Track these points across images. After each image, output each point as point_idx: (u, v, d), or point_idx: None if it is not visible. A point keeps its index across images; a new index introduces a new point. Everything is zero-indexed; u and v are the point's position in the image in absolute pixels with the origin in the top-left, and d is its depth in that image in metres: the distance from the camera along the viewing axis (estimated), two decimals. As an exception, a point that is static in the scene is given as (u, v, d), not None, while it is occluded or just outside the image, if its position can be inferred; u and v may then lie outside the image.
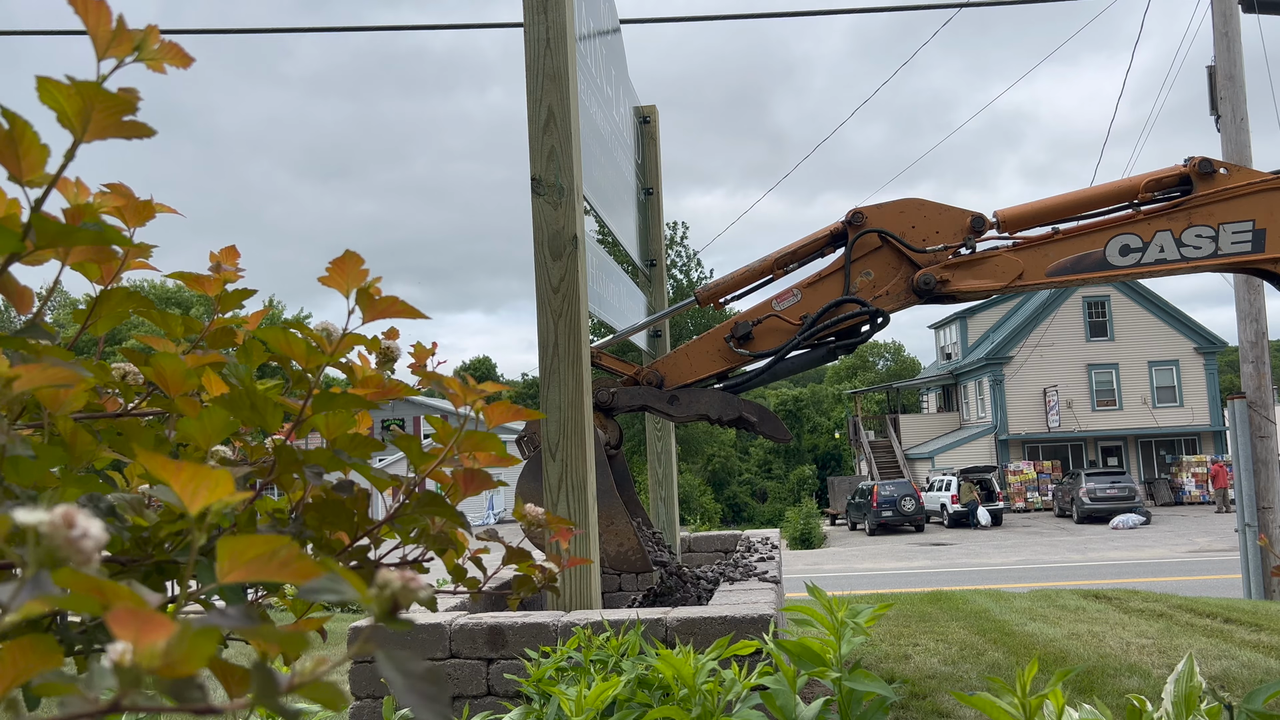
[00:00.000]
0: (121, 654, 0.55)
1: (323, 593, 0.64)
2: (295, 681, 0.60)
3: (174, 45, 0.87)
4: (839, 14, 12.19)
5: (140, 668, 0.55)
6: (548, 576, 1.17)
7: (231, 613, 0.61)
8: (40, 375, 0.79)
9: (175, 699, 0.57)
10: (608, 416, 4.91)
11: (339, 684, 0.60)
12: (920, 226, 4.94)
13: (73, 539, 0.56)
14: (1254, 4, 12.18)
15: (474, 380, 1.10)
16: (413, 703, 0.60)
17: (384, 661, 0.61)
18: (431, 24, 39.53)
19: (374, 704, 3.51)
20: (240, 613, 0.61)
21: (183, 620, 0.57)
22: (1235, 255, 4.77)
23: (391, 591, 0.63)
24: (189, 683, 0.58)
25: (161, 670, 0.55)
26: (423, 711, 0.60)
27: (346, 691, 3.66)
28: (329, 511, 1.05)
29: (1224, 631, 6.86)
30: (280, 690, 0.59)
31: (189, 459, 0.78)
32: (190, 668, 0.56)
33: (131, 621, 0.55)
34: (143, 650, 0.55)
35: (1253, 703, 1.81)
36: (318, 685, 0.60)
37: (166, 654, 0.55)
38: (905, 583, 16.83)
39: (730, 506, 49.95)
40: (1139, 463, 39.28)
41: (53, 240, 0.77)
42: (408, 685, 0.61)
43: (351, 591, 0.64)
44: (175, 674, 0.56)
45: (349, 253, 1.04)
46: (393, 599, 0.64)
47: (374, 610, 0.64)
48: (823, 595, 2.28)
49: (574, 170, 3.89)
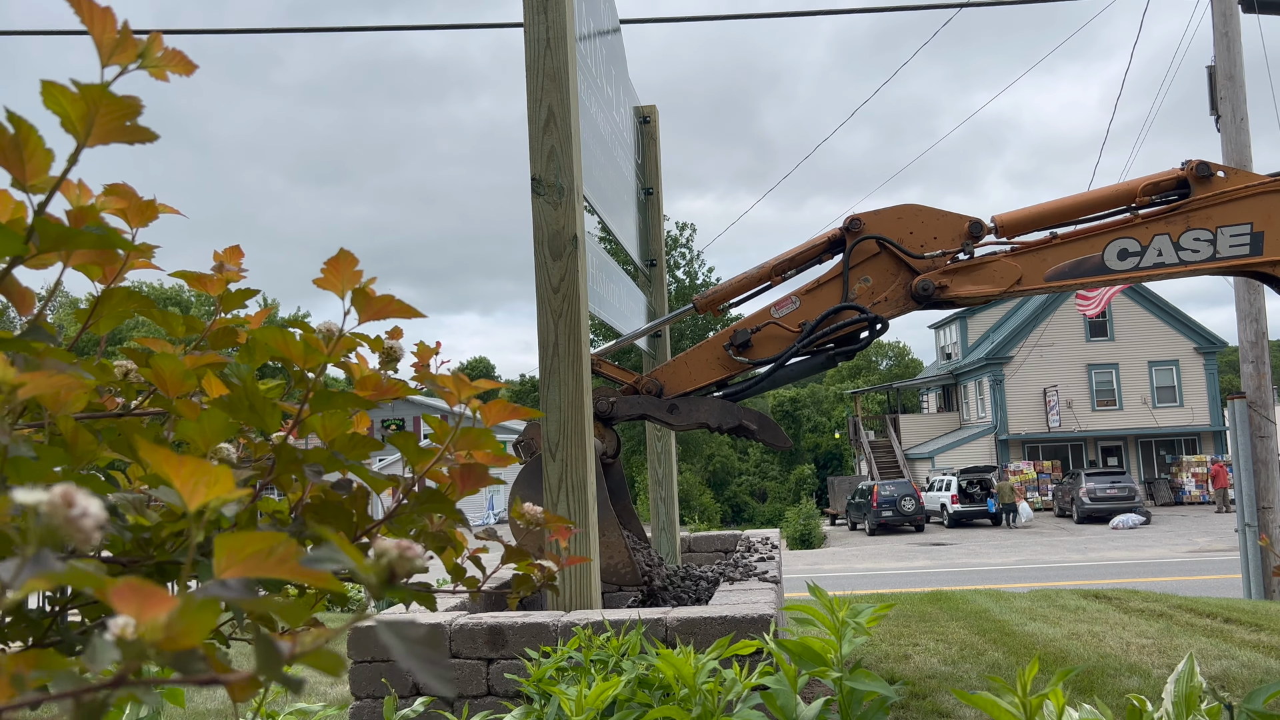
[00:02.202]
0: (124, 627, 0.55)
1: (322, 562, 0.65)
2: (297, 651, 0.61)
3: (177, 52, 0.87)
4: (823, 14, 12.19)
5: (143, 641, 0.55)
6: (546, 575, 1.17)
7: (232, 584, 0.62)
8: (45, 382, 0.79)
9: (180, 671, 0.58)
10: (607, 426, 4.90)
11: (335, 694, 0.61)
12: (918, 232, 4.93)
13: (72, 517, 0.56)
14: (1254, 4, 12.18)
15: (470, 379, 1.11)
16: (413, 666, 0.61)
17: (383, 628, 0.62)
18: (422, 24, 39.53)
19: (374, 704, 3.52)
20: (241, 585, 0.62)
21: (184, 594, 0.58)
22: (1233, 258, 4.76)
23: (388, 560, 0.64)
24: (192, 654, 0.59)
25: (164, 643, 0.56)
26: (423, 674, 0.61)
27: (346, 693, 3.66)
28: (328, 512, 1.06)
29: (1224, 631, 6.87)
30: (283, 659, 0.60)
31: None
32: (192, 640, 0.57)
33: (134, 596, 0.56)
34: (145, 623, 0.56)
35: (1253, 703, 1.82)
36: (319, 653, 0.61)
37: (169, 626, 0.56)
38: (905, 583, 16.83)
39: (730, 506, 49.91)
40: (1139, 463, 39.27)
41: (55, 243, 0.78)
42: (408, 650, 0.62)
43: (348, 559, 0.64)
44: (178, 646, 0.57)
45: (343, 252, 1.04)
46: (389, 568, 0.64)
47: (371, 580, 0.64)
48: (824, 595, 2.28)
49: (574, 170, 3.89)
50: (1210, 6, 12.01)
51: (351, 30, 29.64)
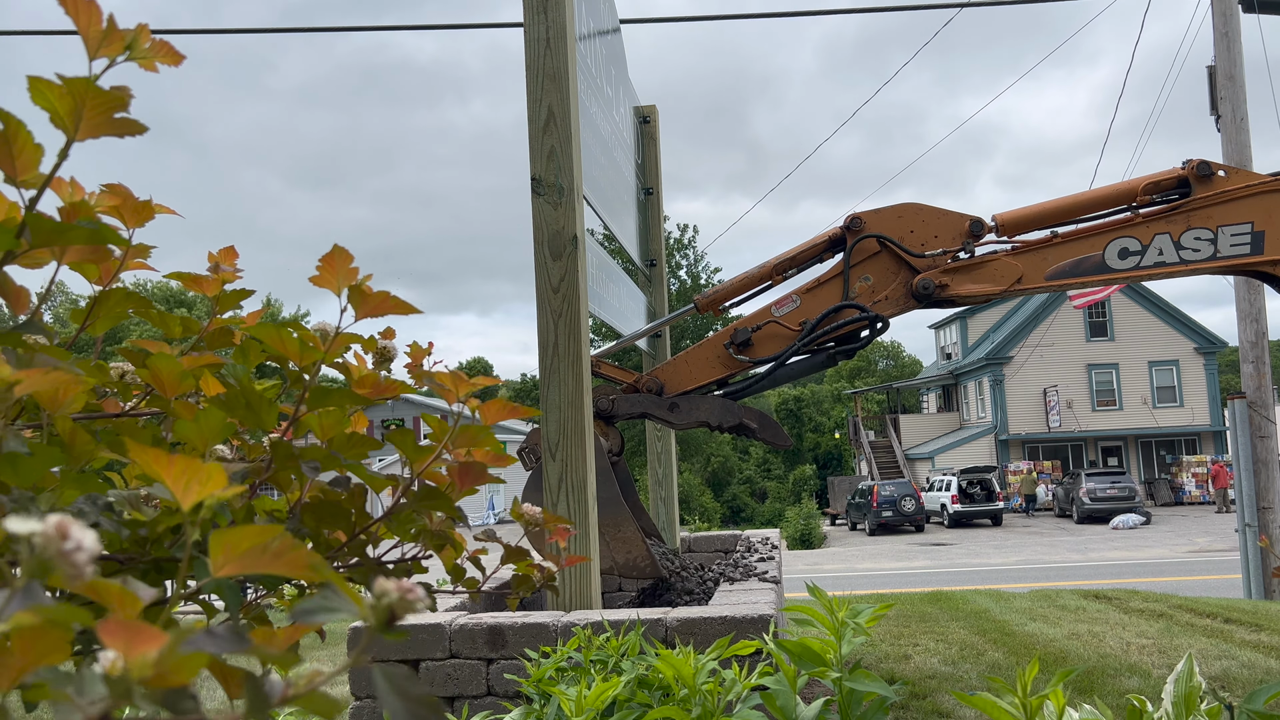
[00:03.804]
0: (113, 663, 0.54)
1: (317, 613, 0.62)
2: (289, 693, 0.59)
3: (164, 43, 0.87)
4: (811, 15, 12.20)
5: (130, 678, 0.54)
6: (546, 575, 1.17)
7: (220, 632, 0.59)
8: (41, 379, 0.79)
9: (167, 709, 0.57)
10: (608, 424, 4.90)
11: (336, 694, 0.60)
12: (919, 231, 4.93)
13: (65, 552, 0.55)
14: (1254, 4, 12.17)
15: (468, 378, 1.10)
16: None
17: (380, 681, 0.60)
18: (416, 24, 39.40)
19: (374, 704, 3.51)
20: (229, 631, 0.60)
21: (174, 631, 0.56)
22: (1234, 258, 4.76)
23: (389, 602, 0.63)
24: (181, 693, 0.57)
25: (152, 681, 0.55)
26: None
27: (346, 693, 3.66)
28: (326, 511, 1.05)
29: (1224, 631, 6.86)
30: (272, 703, 0.58)
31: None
32: (181, 679, 0.56)
33: (121, 633, 0.54)
34: (133, 661, 0.54)
35: (1253, 703, 1.81)
36: (312, 696, 0.60)
37: (158, 664, 0.54)
38: (905, 583, 16.82)
39: (730, 507, 49.90)
40: (1139, 463, 39.27)
41: (47, 238, 0.77)
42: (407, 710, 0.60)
43: (349, 606, 0.63)
44: (166, 684, 0.55)
45: (337, 248, 1.03)
46: (389, 610, 0.63)
47: (371, 622, 0.63)
48: (823, 595, 2.27)
49: (574, 170, 3.89)
50: (1210, 6, 12.01)
51: (345, 30, 29.68)
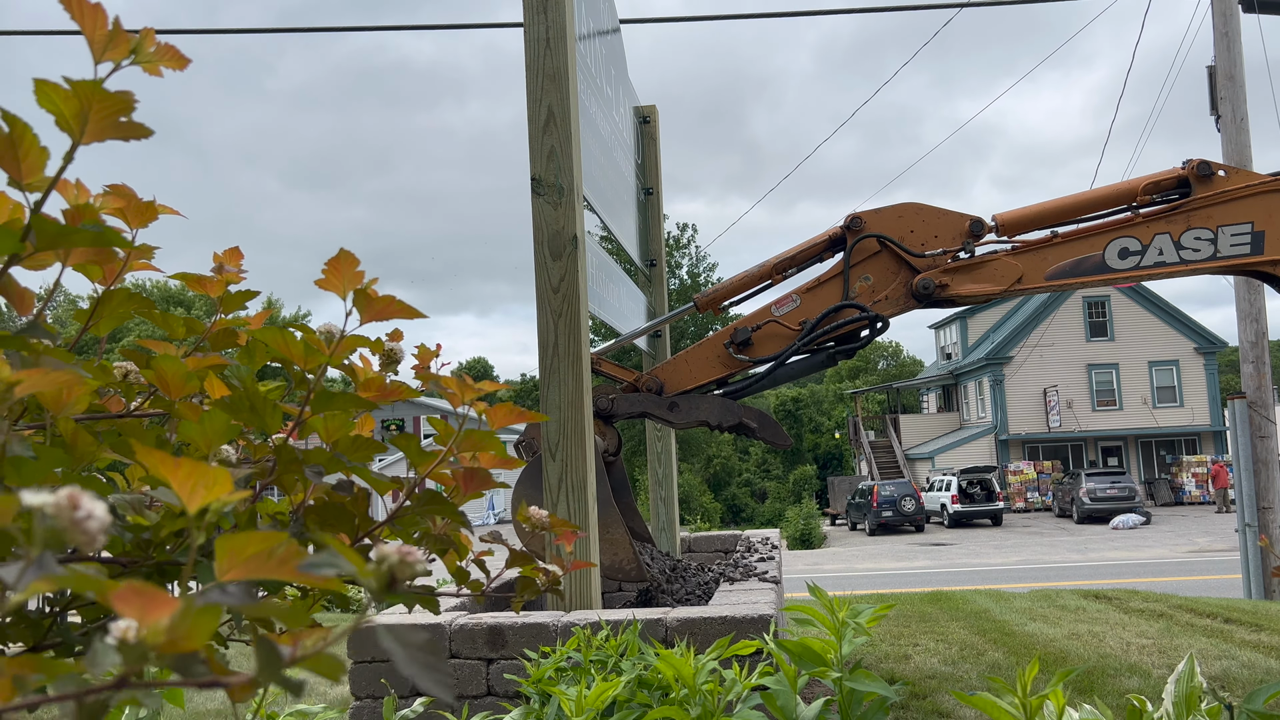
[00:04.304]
0: (125, 630, 0.55)
1: (322, 567, 0.64)
2: (297, 654, 0.61)
3: (170, 47, 0.87)
4: (809, 15, 12.20)
5: (145, 644, 0.55)
6: (552, 579, 1.17)
7: (233, 590, 0.62)
8: (42, 380, 0.79)
9: (180, 673, 0.58)
10: (607, 424, 4.89)
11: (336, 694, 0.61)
12: (919, 231, 4.93)
13: (78, 520, 0.56)
14: (1254, 4, 12.17)
15: (472, 380, 1.10)
16: (414, 672, 0.61)
17: (384, 633, 0.62)
18: (414, 25, 39.44)
19: (374, 704, 3.51)
20: (241, 591, 0.62)
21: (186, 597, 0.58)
22: (1234, 258, 4.76)
23: (389, 565, 0.64)
24: (193, 657, 0.59)
25: (165, 646, 0.56)
26: (424, 680, 0.62)
27: (346, 693, 3.66)
28: (329, 513, 1.05)
29: (1224, 631, 6.86)
30: (283, 662, 0.60)
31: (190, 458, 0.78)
32: (194, 643, 0.57)
33: (136, 600, 0.56)
34: (147, 626, 0.56)
35: (1253, 703, 1.81)
36: (319, 657, 0.61)
37: (171, 630, 0.56)
38: (905, 583, 16.82)
39: (730, 507, 49.87)
40: (1139, 463, 39.27)
41: (52, 241, 0.77)
42: (409, 656, 0.62)
43: (348, 565, 0.64)
44: (179, 649, 0.57)
45: (343, 252, 1.03)
46: (390, 573, 0.64)
47: (371, 584, 0.64)
48: (824, 595, 2.27)
49: (574, 170, 3.89)
50: (1210, 7, 12.01)
51: (342, 31, 29.67)
